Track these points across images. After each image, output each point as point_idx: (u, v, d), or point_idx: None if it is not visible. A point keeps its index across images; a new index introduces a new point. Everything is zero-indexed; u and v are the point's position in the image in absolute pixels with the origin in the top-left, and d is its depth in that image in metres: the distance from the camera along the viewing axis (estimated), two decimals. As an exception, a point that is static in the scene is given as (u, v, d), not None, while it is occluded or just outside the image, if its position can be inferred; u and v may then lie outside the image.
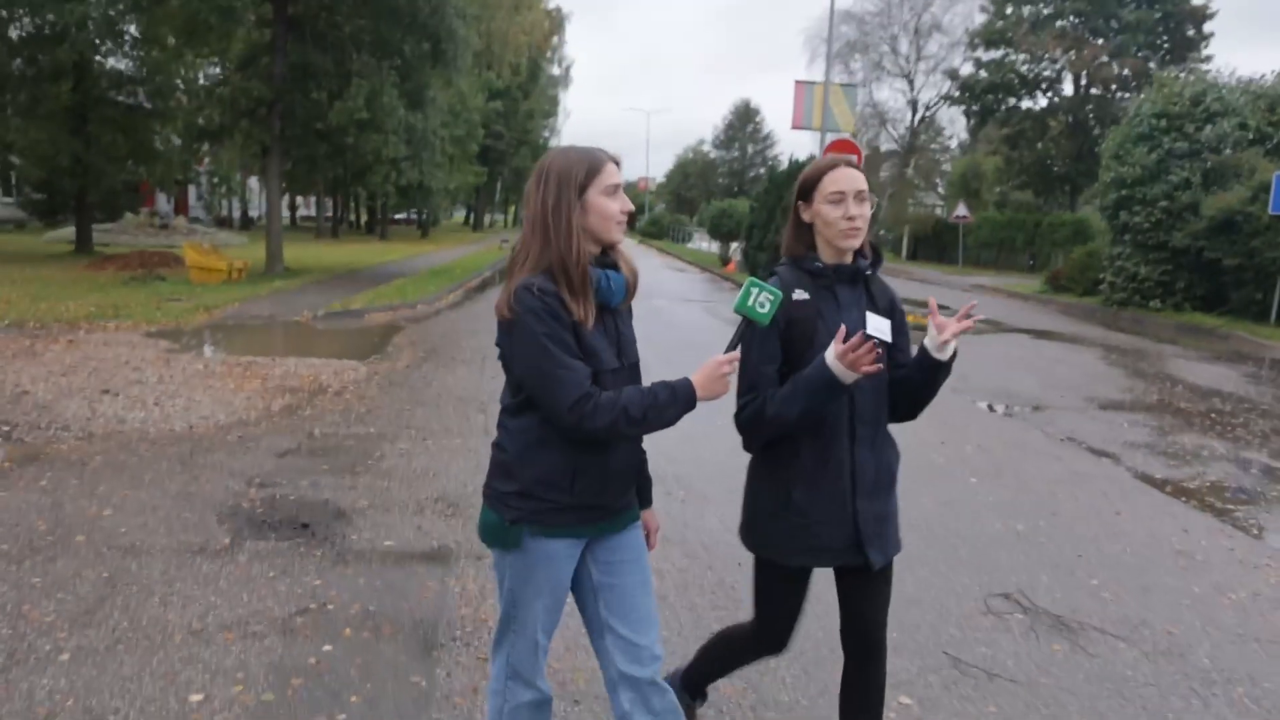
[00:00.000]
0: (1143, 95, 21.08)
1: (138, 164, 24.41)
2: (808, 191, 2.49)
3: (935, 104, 42.47)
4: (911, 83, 43.32)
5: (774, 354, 2.45)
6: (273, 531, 4.86)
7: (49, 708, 3.09)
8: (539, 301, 2.12)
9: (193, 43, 21.49)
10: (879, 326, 2.51)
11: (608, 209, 2.22)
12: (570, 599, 2.44)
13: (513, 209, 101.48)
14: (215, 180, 38.45)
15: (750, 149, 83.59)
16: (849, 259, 2.51)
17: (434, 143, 22.58)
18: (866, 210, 2.45)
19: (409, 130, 20.93)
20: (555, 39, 70.59)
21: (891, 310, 2.58)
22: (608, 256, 2.30)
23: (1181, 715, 3.38)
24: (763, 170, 68.22)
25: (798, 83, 20.16)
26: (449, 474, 6.00)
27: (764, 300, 2.26)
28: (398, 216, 66.45)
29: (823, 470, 2.47)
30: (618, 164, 2.28)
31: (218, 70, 26.11)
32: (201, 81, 25.65)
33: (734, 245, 33.44)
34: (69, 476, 5.66)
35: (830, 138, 19.26)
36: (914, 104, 43.75)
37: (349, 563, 4.46)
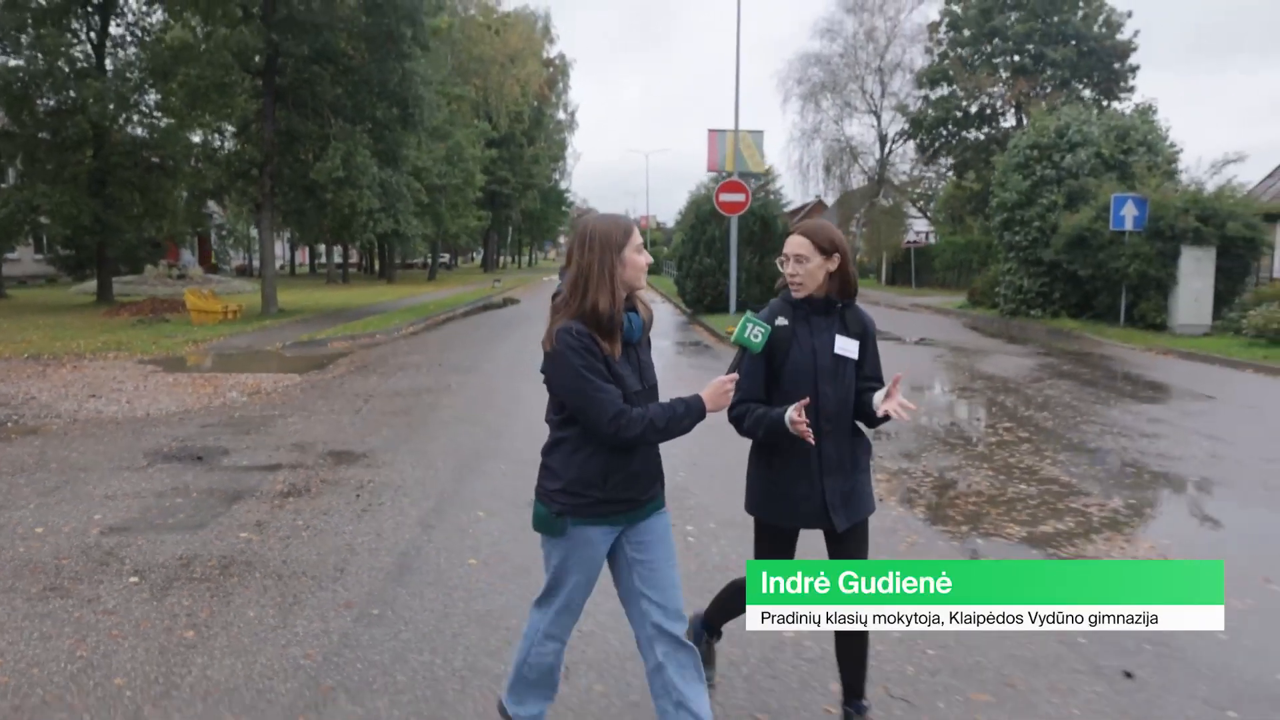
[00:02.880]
0: (1018, 129, 23.64)
1: (151, 220, 27.48)
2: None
3: (896, 138, 45.10)
4: (879, 118, 46.05)
5: (759, 370, 3.16)
6: (176, 460, 7.62)
7: (17, 521, 5.83)
8: (577, 341, 2.68)
9: (197, 111, 24.65)
10: (846, 347, 3.17)
11: (639, 262, 2.79)
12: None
13: (527, 250, 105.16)
14: (224, 233, 42.15)
15: (752, 183, 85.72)
16: (821, 294, 3.17)
17: (406, 195, 25.65)
18: (806, 268, 3.12)
19: (382, 185, 23.96)
20: (560, 85, 74.39)
21: (863, 335, 3.22)
22: (628, 301, 2.85)
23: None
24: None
25: (710, 130, 22.89)
26: (311, 433, 8.73)
27: (756, 333, 2.83)
28: (412, 261, 70.11)
29: (794, 453, 3.13)
30: (638, 226, 2.93)
31: (223, 134, 29.51)
32: (212, 144, 28.96)
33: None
34: (54, 440, 8.46)
35: (752, 181, 21.94)
36: (882, 138, 46.42)
37: (215, 471, 7.20)
